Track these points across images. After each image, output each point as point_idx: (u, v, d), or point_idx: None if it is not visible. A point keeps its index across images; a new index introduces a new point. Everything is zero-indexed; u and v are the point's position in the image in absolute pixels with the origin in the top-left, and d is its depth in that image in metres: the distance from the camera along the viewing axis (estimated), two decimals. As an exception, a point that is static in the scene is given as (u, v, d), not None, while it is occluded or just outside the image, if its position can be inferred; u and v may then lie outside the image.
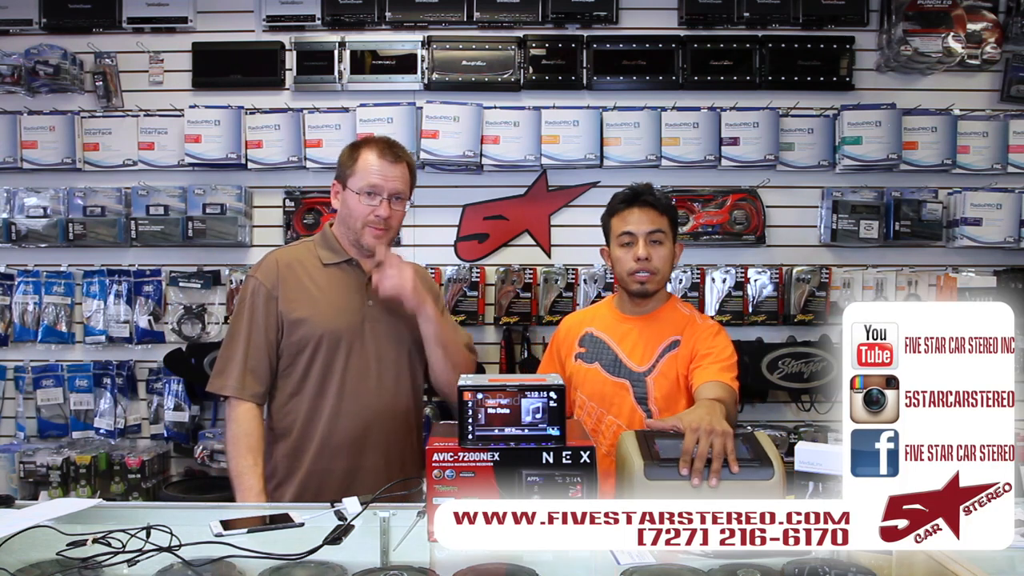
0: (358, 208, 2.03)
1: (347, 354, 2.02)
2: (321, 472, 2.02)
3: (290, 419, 2.05)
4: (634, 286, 2.10)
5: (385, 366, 2.06)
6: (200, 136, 3.13)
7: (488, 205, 3.25)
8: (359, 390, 2.02)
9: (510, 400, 1.40)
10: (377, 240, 2.04)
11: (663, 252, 2.09)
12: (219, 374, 2.03)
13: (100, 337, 3.15)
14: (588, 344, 2.19)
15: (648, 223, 2.09)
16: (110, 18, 3.19)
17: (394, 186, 2.03)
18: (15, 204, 3.16)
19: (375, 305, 2.07)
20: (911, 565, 1.37)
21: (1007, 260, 3.20)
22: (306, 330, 2.01)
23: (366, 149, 2.05)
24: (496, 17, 3.18)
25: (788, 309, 3.13)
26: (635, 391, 2.08)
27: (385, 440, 2.05)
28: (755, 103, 3.15)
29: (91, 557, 1.30)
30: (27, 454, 3.03)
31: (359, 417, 2.02)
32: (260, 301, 2.03)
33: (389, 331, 2.07)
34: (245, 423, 2.00)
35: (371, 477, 1.99)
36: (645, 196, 2.11)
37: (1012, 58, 3.17)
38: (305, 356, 2.02)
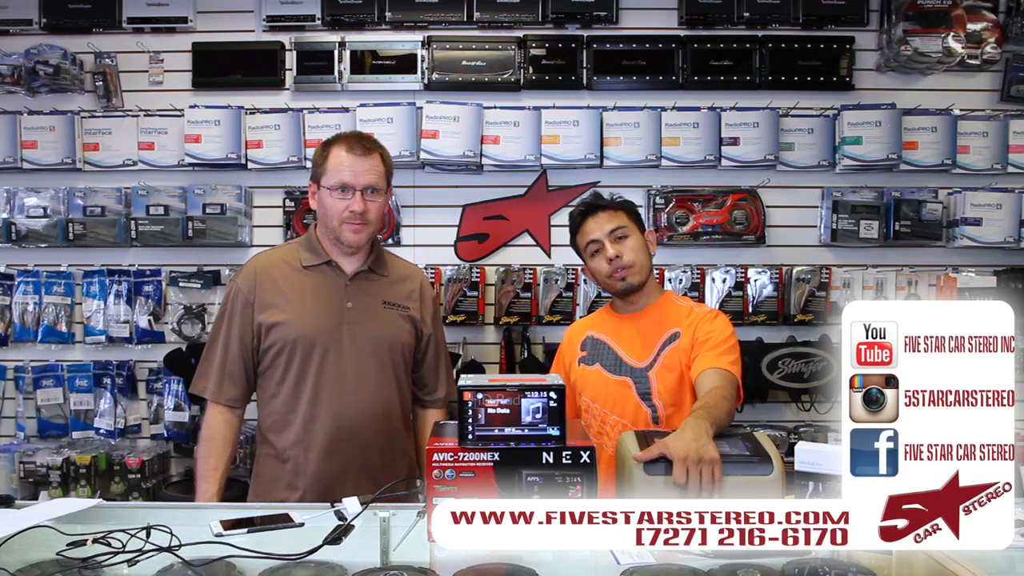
0: (333, 205, 2.01)
1: (322, 357, 2.01)
2: (302, 473, 2.02)
3: (270, 421, 2.06)
4: (618, 285, 2.13)
5: (365, 369, 2.04)
6: (200, 136, 3.13)
7: (488, 205, 3.25)
8: (335, 393, 2.01)
9: (510, 400, 1.40)
10: (356, 236, 2.02)
11: (631, 243, 2.12)
12: (199, 376, 2.08)
13: (100, 337, 3.15)
14: (589, 347, 2.20)
15: (607, 223, 2.12)
16: (110, 18, 3.19)
17: (367, 179, 2.01)
18: (15, 204, 3.16)
19: (354, 307, 2.06)
20: (911, 565, 1.37)
21: (1007, 260, 3.20)
22: (281, 333, 2.02)
23: (336, 146, 2.04)
24: (496, 17, 3.18)
25: (788, 309, 3.13)
26: (638, 387, 2.07)
27: (366, 443, 2.04)
28: (755, 103, 3.15)
29: (91, 557, 1.30)
30: (27, 454, 3.03)
31: (335, 420, 2.01)
32: (237, 306, 2.05)
33: (370, 334, 2.06)
34: (213, 427, 2.05)
35: (351, 480, 1.99)
36: (594, 203, 2.17)
37: (1012, 58, 3.17)
38: (282, 359, 2.02)
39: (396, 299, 2.12)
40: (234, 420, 2.07)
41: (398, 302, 2.12)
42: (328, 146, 2.06)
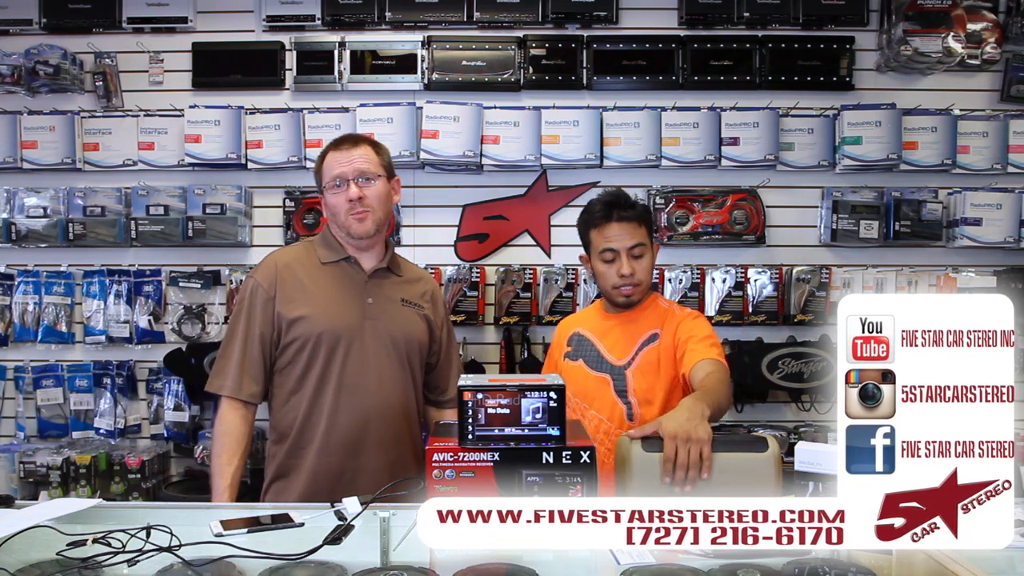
0: (335, 202, 2.06)
1: (346, 351, 2.03)
2: (322, 470, 2.03)
3: (291, 417, 2.06)
4: (620, 299, 2.17)
5: (384, 363, 2.06)
6: (200, 136, 3.13)
7: (488, 205, 3.25)
8: (358, 387, 2.03)
9: (510, 400, 1.40)
10: (361, 224, 2.04)
11: (645, 263, 2.15)
12: (217, 374, 2.07)
13: (100, 337, 3.15)
14: (575, 343, 2.25)
15: (629, 238, 2.12)
16: (110, 18, 3.19)
17: (356, 167, 2.05)
18: (15, 204, 3.16)
19: (375, 303, 2.07)
20: (911, 565, 1.36)
21: (1007, 260, 3.20)
22: (305, 328, 2.02)
23: (327, 151, 2.12)
24: (496, 17, 3.18)
25: (788, 309, 3.13)
26: (615, 384, 2.13)
27: (385, 438, 2.06)
28: (755, 103, 3.15)
29: (91, 557, 1.30)
30: (27, 454, 3.02)
31: (358, 414, 2.03)
32: (258, 301, 2.06)
33: (389, 329, 2.08)
34: (228, 422, 2.04)
35: (371, 476, 2.00)
36: (622, 209, 2.15)
37: (1012, 58, 3.17)
38: (305, 354, 2.03)
39: (412, 298, 2.16)
40: (249, 416, 2.07)
41: (414, 301, 2.15)
42: (322, 155, 2.13)
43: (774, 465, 1.58)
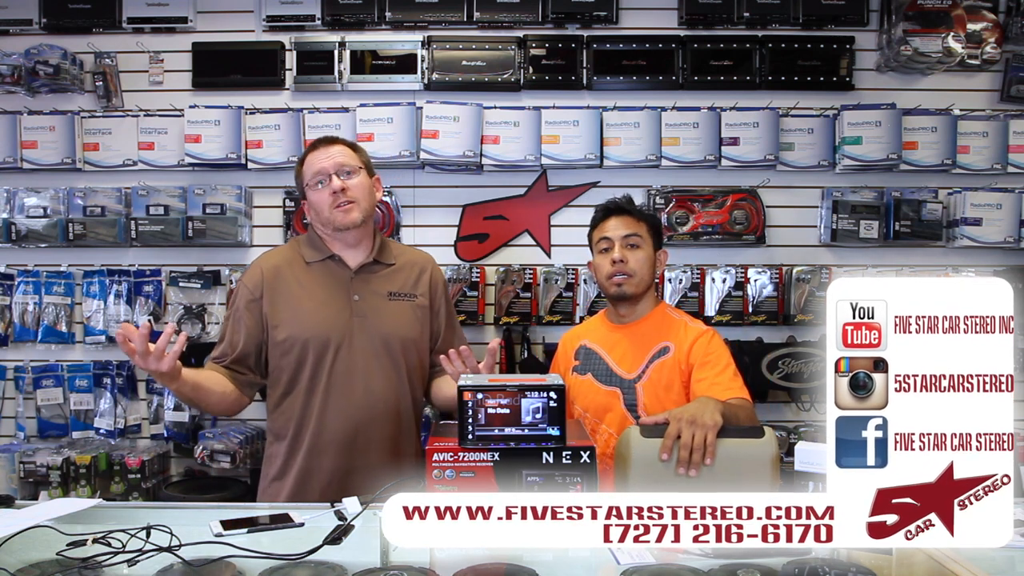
0: (318, 199, 2.07)
1: (335, 353, 2.03)
2: (313, 470, 2.03)
3: (284, 418, 2.07)
4: (612, 289, 2.15)
5: (374, 364, 2.06)
6: (200, 136, 3.13)
7: (488, 205, 3.25)
8: (347, 387, 2.03)
9: (510, 400, 1.40)
10: (347, 216, 2.05)
11: (640, 255, 2.14)
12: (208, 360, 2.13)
13: (100, 337, 3.15)
14: (582, 357, 2.22)
15: (624, 228, 2.15)
16: (110, 18, 3.19)
17: (335, 161, 2.06)
18: (15, 204, 3.16)
19: (361, 300, 2.07)
20: (911, 565, 1.34)
21: (1007, 260, 3.20)
22: (293, 330, 2.04)
23: (305, 155, 2.14)
24: (496, 17, 3.18)
25: (788, 309, 3.13)
26: (625, 398, 2.10)
27: (378, 437, 2.05)
28: (755, 103, 3.15)
29: (91, 557, 1.30)
30: (27, 454, 3.02)
31: (348, 414, 2.03)
32: (242, 304, 2.09)
33: (379, 327, 2.07)
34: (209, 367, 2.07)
35: (365, 475, 1.98)
36: (622, 205, 2.20)
37: (1012, 58, 3.17)
38: (294, 356, 2.04)
39: (403, 288, 2.14)
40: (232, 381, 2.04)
41: (405, 291, 2.14)
42: (301, 160, 2.16)
43: (771, 452, 1.58)
